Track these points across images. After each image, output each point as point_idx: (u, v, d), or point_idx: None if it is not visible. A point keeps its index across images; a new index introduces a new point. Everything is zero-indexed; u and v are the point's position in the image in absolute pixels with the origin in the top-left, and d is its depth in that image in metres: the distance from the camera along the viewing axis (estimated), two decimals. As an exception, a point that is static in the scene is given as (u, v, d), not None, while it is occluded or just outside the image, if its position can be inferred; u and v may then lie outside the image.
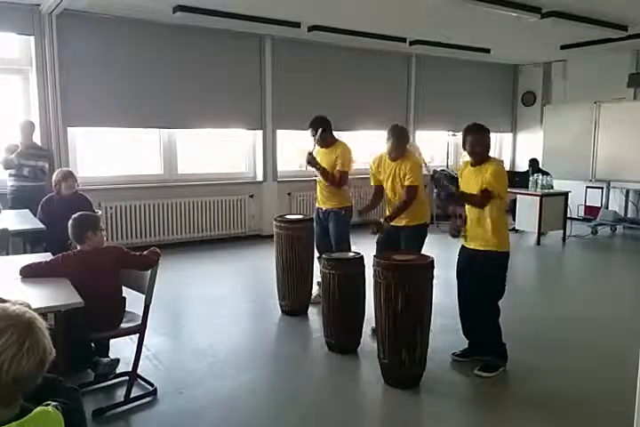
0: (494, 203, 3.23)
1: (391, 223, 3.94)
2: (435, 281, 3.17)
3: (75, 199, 4.51)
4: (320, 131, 4.41)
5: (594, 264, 6.74)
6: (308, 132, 4.51)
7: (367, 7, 5.79)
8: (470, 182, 3.30)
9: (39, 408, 1.21)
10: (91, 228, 2.96)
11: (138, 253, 2.97)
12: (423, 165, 3.95)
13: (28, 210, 4.85)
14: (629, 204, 8.43)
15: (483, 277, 3.27)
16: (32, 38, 5.78)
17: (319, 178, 4.62)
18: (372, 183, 4.18)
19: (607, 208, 8.37)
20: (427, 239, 3.99)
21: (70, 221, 2.99)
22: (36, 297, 2.45)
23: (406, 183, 3.84)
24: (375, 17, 6.24)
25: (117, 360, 3.19)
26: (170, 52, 6.59)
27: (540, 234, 7.34)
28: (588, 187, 8.59)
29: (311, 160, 4.42)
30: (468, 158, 3.43)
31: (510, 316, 3.48)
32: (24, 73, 5.98)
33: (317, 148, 4.56)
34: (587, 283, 5.76)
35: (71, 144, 6.22)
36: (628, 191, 8.38)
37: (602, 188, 8.47)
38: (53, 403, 1.24)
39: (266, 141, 7.49)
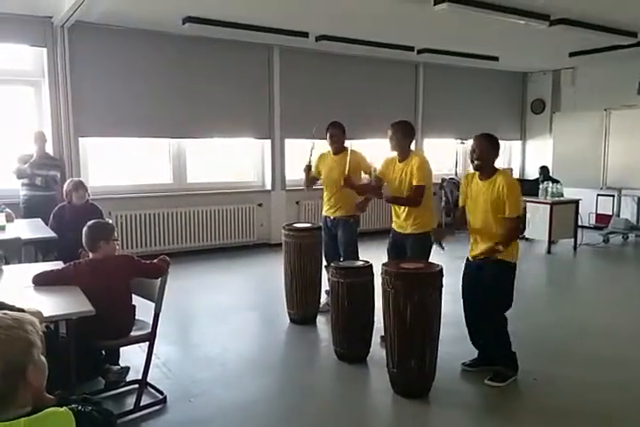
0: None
1: (397, 231, 3.92)
2: (444, 290, 3.16)
3: (86, 209, 4.55)
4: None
5: (605, 273, 6.68)
6: (322, 138, 4.56)
7: (374, 16, 5.82)
8: (479, 197, 3.27)
9: (51, 408, 1.23)
10: (104, 237, 2.98)
11: (148, 262, 3.00)
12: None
13: (39, 219, 4.90)
14: (641, 211, 8.36)
15: (488, 287, 3.24)
16: (44, 50, 5.87)
17: (325, 186, 4.64)
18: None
19: (619, 216, 8.30)
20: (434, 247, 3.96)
21: (85, 229, 3.01)
22: (48, 305, 2.47)
23: (414, 183, 3.74)
24: (382, 26, 6.27)
25: (127, 368, 3.19)
26: (179, 63, 6.66)
27: (550, 242, 7.29)
28: (598, 195, 8.53)
29: (347, 182, 4.19)
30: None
31: (521, 325, 3.45)
32: (37, 84, 6.06)
33: (327, 153, 4.63)
34: (598, 292, 5.71)
35: (82, 154, 6.29)
36: (639, 199, 8.31)
37: (613, 195, 8.41)
38: (72, 405, 1.26)
39: (274, 150, 7.53)
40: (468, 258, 3.42)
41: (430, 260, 3.68)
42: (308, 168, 4.63)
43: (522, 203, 3.27)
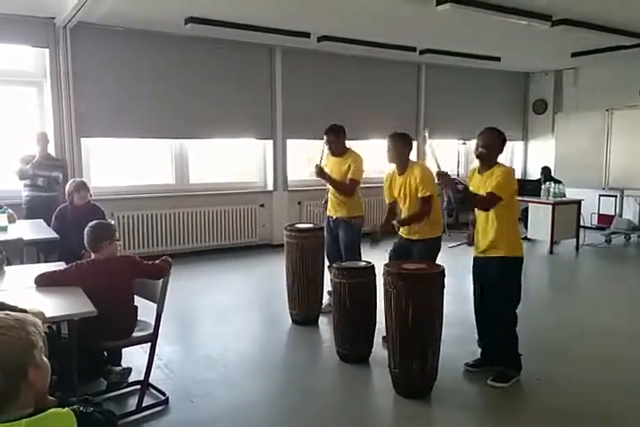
0: (503, 207, 3.17)
1: (404, 236, 3.90)
2: (446, 290, 3.15)
3: (88, 209, 4.54)
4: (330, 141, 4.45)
5: (608, 273, 6.66)
6: (323, 139, 4.52)
7: (376, 17, 5.82)
8: (479, 189, 3.28)
9: (53, 409, 1.23)
10: (108, 237, 2.99)
11: (150, 262, 2.99)
12: (434, 160, 3.62)
13: (41, 220, 4.90)
14: (643, 212, 8.34)
15: (496, 284, 3.24)
16: (47, 51, 5.88)
17: (329, 186, 4.63)
18: (386, 201, 4.08)
19: (621, 216, 8.29)
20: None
21: (87, 229, 3.01)
22: (50, 306, 2.47)
23: (420, 195, 3.75)
24: (384, 26, 6.27)
25: (129, 369, 3.19)
26: (181, 63, 6.66)
27: (552, 243, 7.27)
28: (601, 195, 8.52)
29: (319, 172, 4.45)
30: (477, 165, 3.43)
31: (524, 325, 3.44)
32: (39, 85, 6.07)
33: (327, 155, 4.61)
34: (601, 292, 5.69)
35: (84, 155, 6.30)
36: (641, 199, 8.30)
37: (615, 196, 8.39)
38: (74, 406, 1.26)
39: (276, 151, 7.53)
40: (474, 255, 3.41)
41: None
42: (320, 169, 4.52)
43: (511, 195, 3.20)
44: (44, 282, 2.83)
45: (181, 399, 3.07)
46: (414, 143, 8.35)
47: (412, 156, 4.01)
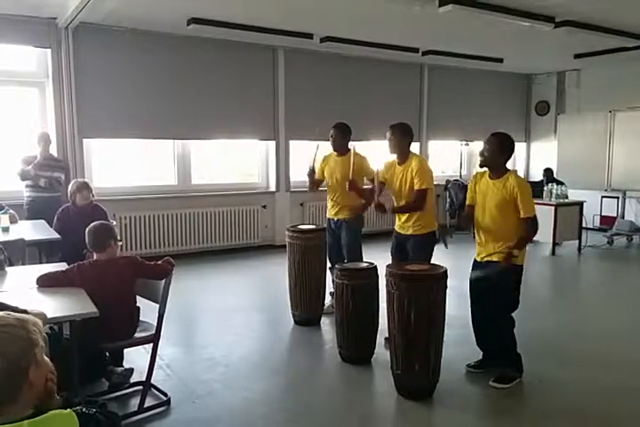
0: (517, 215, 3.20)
1: (399, 231, 3.90)
2: (448, 291, 3.15)
3: (90, 210, 4.54)
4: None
5: (610, 274, 6.65)
6: (326, 140, 4.52)
7: (379, 18, 5.82)
8: (488, 196, 3.26)
9: (55, 410, 1.24)
10: (109, 238, 2.99)
11: (152, 263, 2.99)
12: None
13: (43, 220, 4.91)
14: (646, 213, 8.34)
15: (496, 289, 3.23)
16: (49, 51, 5.90)
17: (329, 188, 4.63)
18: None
19: (623, 218, 8.28)
20: (438, 249, 3.95)
21: (89, 230, 3.01)
22: (52, 306, 2.48)
23: (416, 187, 3.74)
24: (387, 27, 6.27)
25: (131, 370, 3.19)
26: (183, 64, 6.67)
27: (554, 244, 7.27)
28: (603, 196, 8.52)
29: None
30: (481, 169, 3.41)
31: (526, 327, 3.44)
32: (41, 85, 6.08)
33: (331, 155, 4.61)
34: (603, 294, 5.68)
35: (87, 155, 6.30)
36: (644, 200, 8.30)
37: (617, 197, 8.39)
38: (77, 407, 1.26)
39: (279, 152, 7.54)
40: (475, 259, 3.40)
41: (434, 261, 3.67)
42: (312, 172, 4.58)
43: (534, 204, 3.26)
44: (45, 283, 2.84)
45: (183, 400, 3.07)
46: (417, 144, 8.47)
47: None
